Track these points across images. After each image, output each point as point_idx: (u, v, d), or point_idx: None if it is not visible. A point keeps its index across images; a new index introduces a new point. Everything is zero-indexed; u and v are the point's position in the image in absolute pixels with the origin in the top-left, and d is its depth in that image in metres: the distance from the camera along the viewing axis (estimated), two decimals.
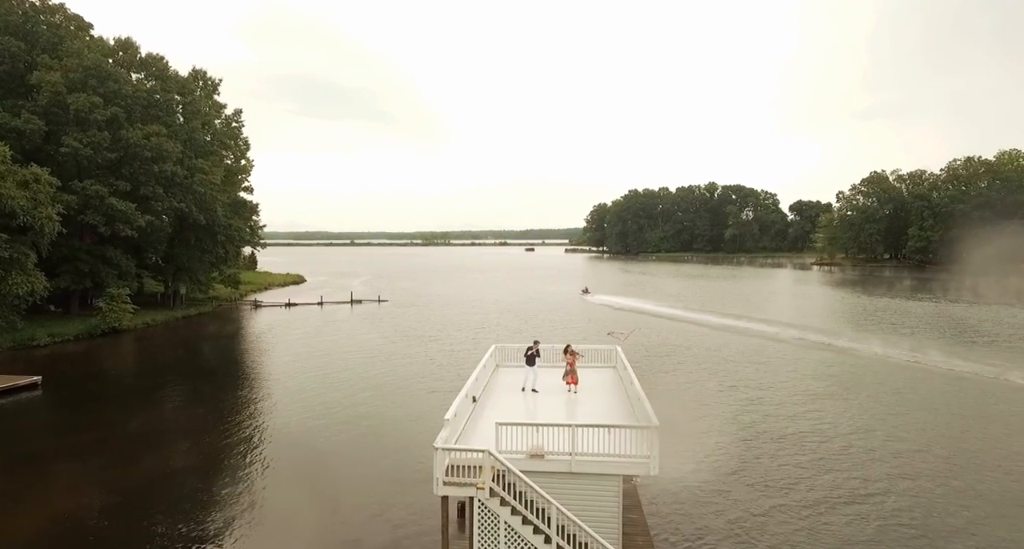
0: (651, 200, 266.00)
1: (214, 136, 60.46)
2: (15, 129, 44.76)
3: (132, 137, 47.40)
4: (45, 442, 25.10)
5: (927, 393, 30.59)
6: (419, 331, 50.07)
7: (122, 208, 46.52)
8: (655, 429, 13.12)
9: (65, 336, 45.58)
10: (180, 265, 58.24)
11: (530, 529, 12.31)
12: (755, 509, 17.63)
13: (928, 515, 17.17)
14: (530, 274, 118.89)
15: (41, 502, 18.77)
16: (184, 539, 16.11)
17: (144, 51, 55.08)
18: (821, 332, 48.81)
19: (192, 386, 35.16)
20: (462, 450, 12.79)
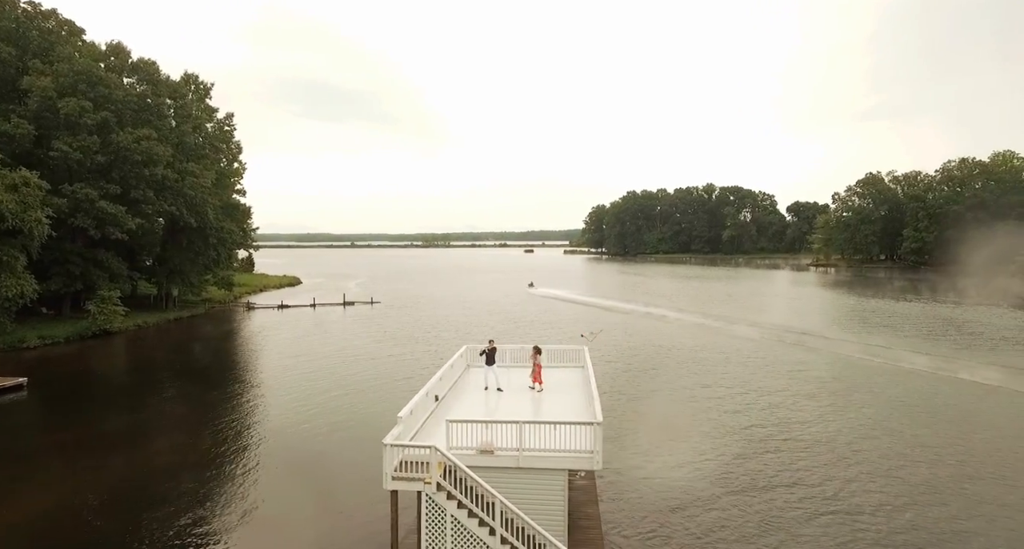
0: (649, 201, 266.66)
1: (206, 139, 61.01)
2: (5, 133, 45.30)
3: (122, 141, 47.93)
4: (28, 440, 25.60)
5: (898, 391, 30.96)
6: (407, 332, 50.49)
7: (112, 211, 47.05)
8: (598, 426, 13.52)
9: (55, 338, 46.03)
10: (172, 267, 58.76)
11: (476, 522, 12.72)
12: (714, 504, 18.00)
13: (877, 512, 17.56)
14: (524, 275, 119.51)
15: (23, 497, 19.23)
16: (161, 533, 16.56)
17: (137, 55, 55.80)
18: (793, 331, 49.24)
19: (178, 387, 35.62)
20: (409, 446, 13.19)
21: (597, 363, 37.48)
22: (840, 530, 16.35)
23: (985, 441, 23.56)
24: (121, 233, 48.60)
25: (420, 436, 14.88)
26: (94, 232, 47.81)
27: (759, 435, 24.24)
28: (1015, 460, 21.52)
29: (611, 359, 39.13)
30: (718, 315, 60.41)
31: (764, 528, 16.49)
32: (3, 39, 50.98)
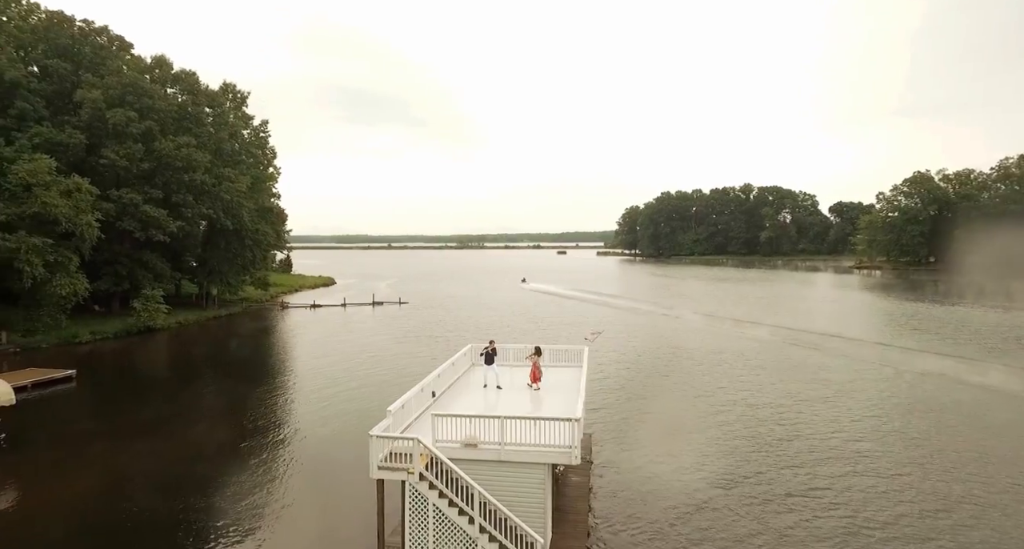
0: (684, 202, 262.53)
1: (242, 146, 63.95)
2: (61, 143, 48.74)
3: (164, 148, 50.90)
4: (73, 427, 27.78)
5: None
6: (429, 332, 51.64)
7: (155, 215, 50.00)
8: (575, 422, 13.96)
9: (105, 334, 49.21)
10: (212, 268, 61.82)
11: (456, 511, 13.35)
12: (709, 506, 18.09)
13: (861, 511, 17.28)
14: (548, 276, 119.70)
15: (67, 477, 21.07)
16: (191, 508, 18.05)
17: (193, 64, 59.14)
18: (815, 334, 47.91)
19: (212, 380, 37.71)
20: (394, 438, 13.93)
21: (610, 364, 37.80)
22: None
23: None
24: (163, 235, 51.58)
25: (411, 429, 15.59)
26: (139, 234, 50.92)
27: (765, 441, 24.01)
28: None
29: (625, 360, 39.20)
30: (741, 318, 59.28)
31: (755, 532, 16.50)
32: (60, 55, 54.93)
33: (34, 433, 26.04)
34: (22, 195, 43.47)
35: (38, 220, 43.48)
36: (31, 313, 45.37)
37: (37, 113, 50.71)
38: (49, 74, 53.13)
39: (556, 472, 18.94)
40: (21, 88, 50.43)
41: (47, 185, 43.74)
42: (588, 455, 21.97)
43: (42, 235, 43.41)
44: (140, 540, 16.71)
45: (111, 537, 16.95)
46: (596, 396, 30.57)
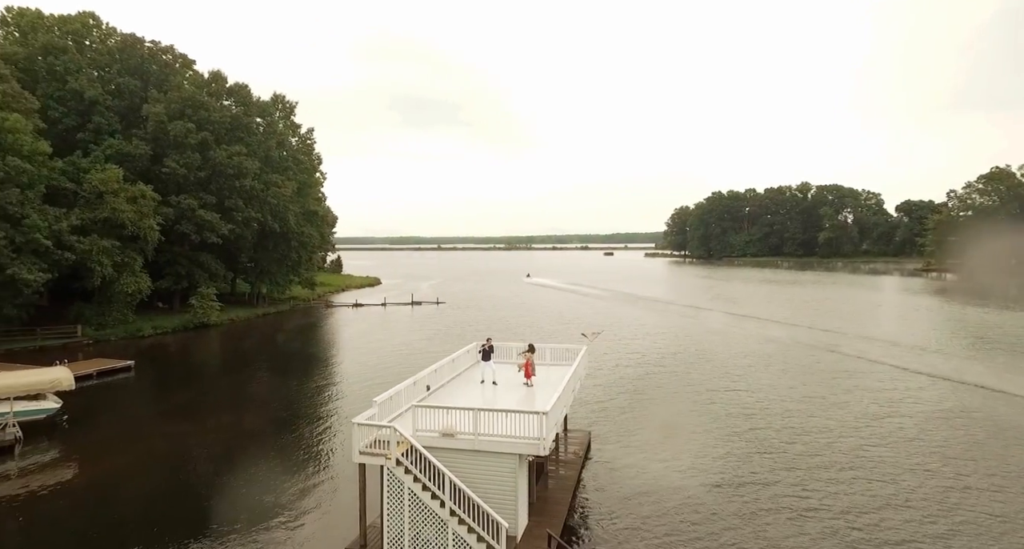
0: (736, 202, 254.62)
1: (289, 153, 67.84)
2: (129, 154, 53.54)
3: (218, 157, 54.92)
4: (128, 410, 30.92)
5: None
6: (459, 331, 53.12)
7: (209, 218, 54.03)
8: (544, 415, 14.70)
9: (164, 329, 53.62)
10: (262, 268, 65.91)
11: (428, 495, 14.39)
12: (695, 506, 18.33)
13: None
14: (588, 277, 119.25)
15: (119, 452, 23.72)
16: (230, 481, 20.44)
17: (233, 80, 63.43)
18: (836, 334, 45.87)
19: (253, 372, 40.56)
20: (373, 426, 15.12)
21: (629, 365, 37.97)
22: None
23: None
24: (216, 237, 55.60)
25: (400, 419, 16.77)
26: (195, 237, 55.13)
27: (767, 447, 23.77)
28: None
29: (644, 361, 39.17)
30: (780, 320, 57.46)
31: (736, 535, 16.66)
32: (131, 73, 60.22)
33: (92, 415, 29.16)
34: (95, 202, 48.14)
35: (108, 224, 48.02)
36: (102, 309, 50.10)
37: (111, 127, 55.90)
38: (121, 91, 58.36)
39: (544, 465, 19.74)
40: (98, 105, 55.74)
41: (116, 192, 48.26)
42: (585, 451, 22.60)
43: (111, 238, 47.95)
44: (171, 507, 18.75)
45: (148, 503, 19.10)
46: (605, 395, 30.99)
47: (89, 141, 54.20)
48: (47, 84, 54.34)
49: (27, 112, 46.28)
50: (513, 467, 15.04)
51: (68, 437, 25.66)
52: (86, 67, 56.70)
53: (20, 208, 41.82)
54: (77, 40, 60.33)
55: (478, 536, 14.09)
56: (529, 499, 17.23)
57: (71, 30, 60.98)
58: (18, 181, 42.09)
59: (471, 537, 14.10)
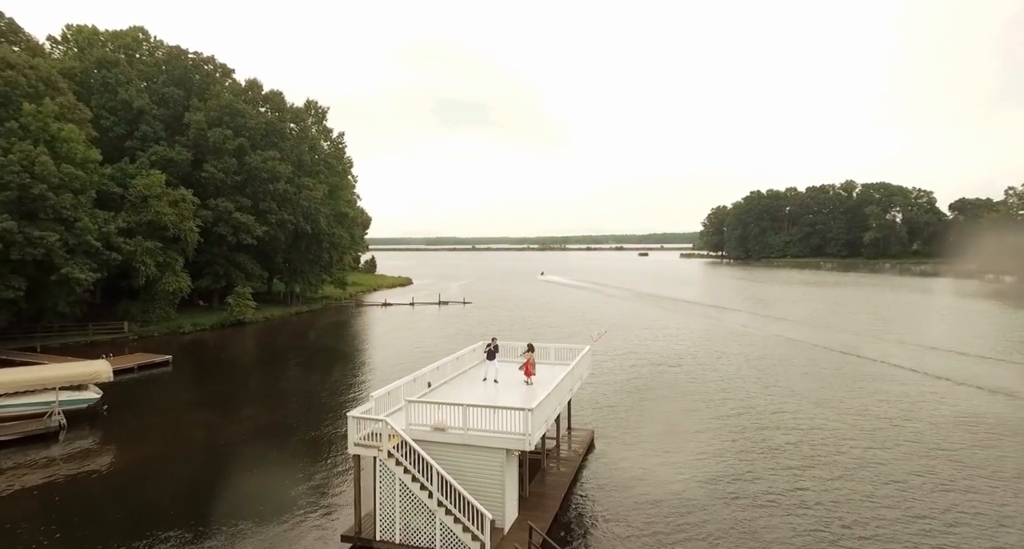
0: (776, 201, 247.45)
1: (320, 156, 70.22)
2: (172, 160, 56.62)
3: (253, 162, 57.46)
4: (164, 401, 32.95)
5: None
6: (483, 331, 53.81)
7: (244, 220, 56.58)
8: (528, 412, 15.18)
9: (203, 326, 56.45)
10: (295, 268, 68.44)
11: (418, 485, 15.08)
12: (692, 509, 18.43)
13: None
14: (617, 278, 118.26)
15: (150, 439, 25.43)
16: (251, 466, 21.72)
17: (278, 86, 66.34)
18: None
19: (282, 367, 42.36)
20: (366, 419, 15.91)
21: (644, 365, 37.91)
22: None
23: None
24: (251, 239, 58.14)
25: (399, 414, 17.54)
26: (231, 238, 57.81)
27: (773, 448, 23.52)
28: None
29: (660, 361, 38.98)
30: (810, 323, 55.90)
31: (724, 535, 16.71)
32: (175, 83, 63.61)
33: (131, 405, 31.22)
34: (140, 205, 51.17)
35: (152, 226, 50.97)
36: (147, 307, 53.22)
37: (156, 134, 59.22)
38: (166, 100, 61.73)
39: (541, 461, 20.20)
40: (145, 114, 59.16)
41: (159, 196, 51.18)
42: (587, 449, 22.90)
43: (154, 239, 50.88)
44: (194, 490, 20.11)
45: (175, 486, 20.55)
46: (616, 395, 31.12)
47: (136, 148, 57.59)
48: (100, 95, 58.03)
49: (81, 122, 49.62)
50: (500, 461, 15.58)
51: (107, 425, 27.62)
52: (135, 78, 60.27)
53: (73, 212, 44.93)
54: (128, 53, 64.21)
55: (464, 526, 14.70)
56: (521, 494, 17.74)
57: (123, 44, 64.91)
58: (72, 187, 45.19)
59: (457, 527, 14.72)
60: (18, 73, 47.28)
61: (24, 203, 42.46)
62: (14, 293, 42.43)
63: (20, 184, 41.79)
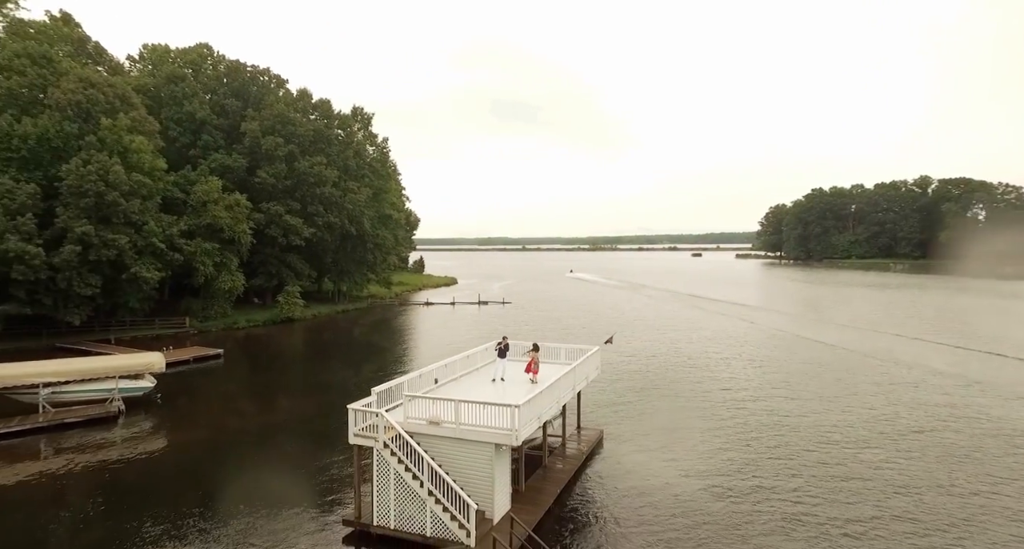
0: (840, 199, 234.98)
1: (365, 161, 73.19)
2: (229, 167, 60.73)
3: (302, 167, 60.72)
4: (209, 390, 35.77)
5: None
6: (516, 330, 54.65)
7: (293, 223, 59.91)
8: (516, 408, 15.79)
9: (256, 322, 60.23)
10: (341, 268, 71.68)
11: (410, 475, 16.02)
12: (693, 513, 18.49)
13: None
14: (662, 279, 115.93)
15: (196, 423, 27.89)
16: (280, 452, 23.36)
17: (331, 93, 69.83)
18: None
19: (323, 361, 44.81)
20: (364, 411, 17.00)
21: (671, 368, 37.51)
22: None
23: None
24: (300, 240, 61.45)
25: (401, 408, 18.56)
26: (282, 240, 61.32)
27: (787, 454, 22.99)
28: None
29: (687, 364, 38.42)
30: (866, 328, 53.18)
31: (717, 539, 16.73)
32: (235, 95, 68.09)
33: (183, 394, 34.04)
34: (200, 209, 55.26)
35: (209, 229, 54.94)
36: (206, 304, 57.38)
37: (216, 143, 63.67)
38: (226, 111, 66.21)
39: (541, 458, 20.76)
40: (207, 124, 63.75)
41: (216, 201, 55.09)
42: (593, 448, 23.21)
43: (212, 241, 54.81)
44: (230, 470, 22.02)
45: (214, 466, 22.55)
46: (637, 396, 31.11)
47: (198, 156, 62.13)
48: (169, 108, 63.01)
49: (150, 134, 54.14)
50: (490, 455, 16.29)
51: (160, 411, 30.32)
52: (199, 92, 65.05)
53: (141, 216, 49.19)
54: (194, 68, 69.31)
55: (451, 515, 15.52)
56: (517, 487, 18.40)
57: (189, 60, 70.10)
58: (140, 193, 49.48)
59: (445, 515, 15.56)
60: (98, 91, 52.11)
61: (100, 209, 46.88)
62: (92, 290, 46.96)
63: (97, 192, 46.18)
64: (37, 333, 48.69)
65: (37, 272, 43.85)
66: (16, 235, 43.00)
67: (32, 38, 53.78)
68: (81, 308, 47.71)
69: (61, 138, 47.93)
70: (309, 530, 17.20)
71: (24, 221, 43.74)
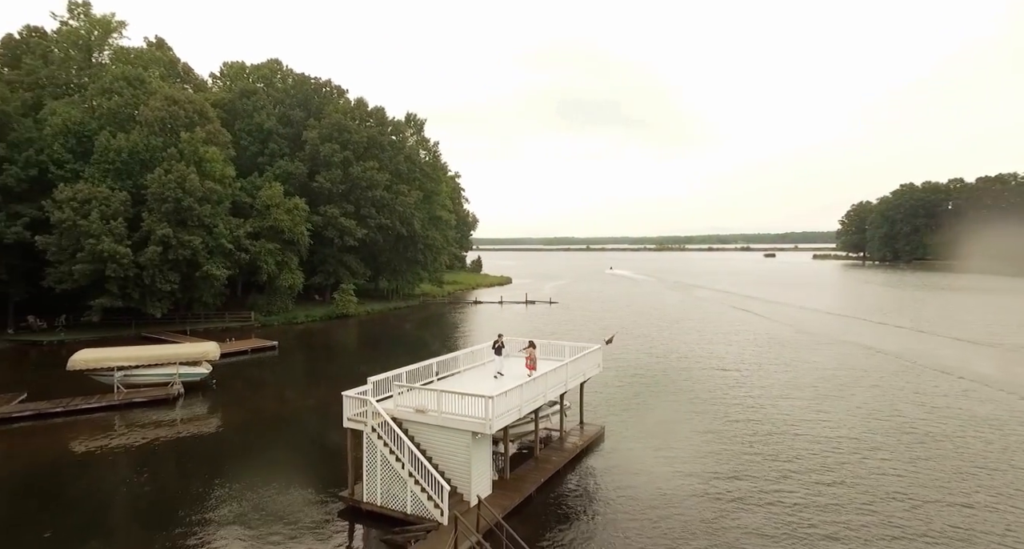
0: (934, 195, 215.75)
1: (416, 164, 76.38)
2: (292, 173, 65.56)
3: (356, 172, 64.48)
4: (260, 378, 39.23)
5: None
6: (553, 329, 55.40)
7: (347, 225, 63.75)
8: (490, 399, 16.81)
9: (314, 317, 64.62)
10: (395, 267, 75.26)
11: (394, 457, 17.43)
12: (679, 512, 18.73)
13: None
14: (721, 280, 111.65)
15: (248, 407, 31.02)
16: (311, 435, 25.83)
17: (373, 104, 73.74)
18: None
19: (369, 354, 47.67)
20: (354, 397, 18.57)
21: (697, 367, 37.09)
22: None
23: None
24: (353, 240, 65.26)
25: (396, 396, 20.00)
26: (337, 240, 65.38)
27: (799, 468, 22.41)
28: None
29: (715, 366, 37.59)
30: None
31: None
32: (299, 106, 73.32)
33: (236, 380, 37.66)
34: (264, 213, 60.15)
35: (272, 231, 59.68)
36: (269, 299, 62.33)
37: (281, 151, 68.91)
38: (291, 121, 71.47)
39: (533, 449, 21.59)
40: (274, 134, 69.18)
41: (278, 205, 59.76)
42: (590, 443, 23.69)
43: (274, 242, 59.52)
44: (265, 448, 24.56)
45: (255, 443, 25.23)
46: (653, 396, 31.07)
47: (266, 163, 67.53)
48: (241, 120, 68.94)
49: (222, 145, 59.65)
50: (467, 442, 17.41)
51: (214, 395, 33.77)
52: (268, 104, 70.66)
53: (212, 219, 54.36)
54: (266, 82, 75.33)
55: (428, 495, 16.78)
56: (502, 475, 19.41)
57: (261, 75, 76.27)
58: (211, 199, 54.71)
59: (423, 495, 16.84)
60: (180, 107, 58.08)
61: (178, 213, 52.31)
62: (171, 286, 52.49)
63: (175, 198, 51.61)
64: (127, 323, 55.03)
65: (126, 270, 49.67)
66: (110, 237, 48.95)
67: (131, 63, 60.73)
68: (162, 302, 53.41)
69: (148, 151, 53.88)
70: (313, 503, 19.06)
71: (116, 225, 49.69)
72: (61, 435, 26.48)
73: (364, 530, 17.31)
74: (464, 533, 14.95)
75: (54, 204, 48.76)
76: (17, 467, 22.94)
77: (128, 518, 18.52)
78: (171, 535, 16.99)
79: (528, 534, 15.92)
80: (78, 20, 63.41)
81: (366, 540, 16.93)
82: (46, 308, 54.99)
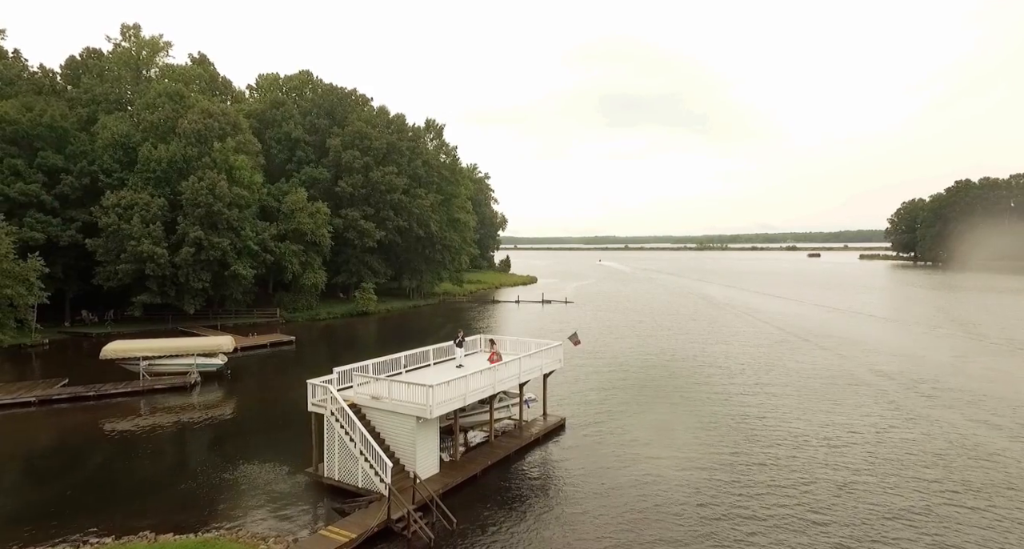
0: (993, 191, 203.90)
1: (433, 169, 79.16)
2: (316, 179, 69.46)
3: (375, 177, 67.73)
4: (274, 369, 42.45)
5: None
6: (560, 328, 56.66)
7: (367, 227, 67.06)
8: (430, 388, 18.75)
9: (335, 314, 68.27)
10: (414, 267, 78.31)
11: (348, 438, 19.61)
12: (635, 510, 20.13)
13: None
14: (749, 281, 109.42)
15: (258, 397, 34.09)
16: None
17: (393, 112, 77.04)
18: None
19: (386, 349, 50.36)
20: (317, 385, 20.84)
21: (699, 365, 37.87)
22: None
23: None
24: (372, 242, 68.54)
25: (355, 385, 21.98)
26: (357, 242, 68.81)
27: (775, 478, 23.32)
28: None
29: (716, 365, 38.21)
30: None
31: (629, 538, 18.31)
32: (325, 115, 77.32)
33: (249, 371, 40.99)
34: (289, 216, 64.14)
35: (296, 233, 63.56)
36: (294, 297, 66.33)
37: (307, 158, 72.99)
38: (317, 129, 75.52)
39: (490, 437, 23.40)
40: (301, 142, 73.35)
41: (301, 209, 63.61)
42: (545, 434, 25.23)
43: (298, 243, 63.38)
44: (268, 431, 27.36)
45: (260, 427, 28.10)
46: (623, 392, 32.28)
47: (293, 170, 71.71)
48: (271, 129, 73.44)
49: (252, 154, 63.97)
50: (412, 425, 19.42)
51: (228, 385, 37.08)
52: (296, 114, 74.94)
53: (240, 223, 58.55)
54: (297, 93, 79.79)
55: (375, 471, 18.87)
56: (452, 458, 21.34)
57: (293, 86, 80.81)
58: (240, 203, 58.91)
59: (371, 471, 18.94)
60: (214, 120, 62.73)
61: (209, 217, 56.66)
62: (203, 284, 56.93)
63: (206, 203, 55.97)
64: (165, 318, 59.95)
65: (163, 269, 54.33)
66: (148, 239, 53.67)
67: (175, 79, 65.89)
68: (196, 299, 57.95)
69: (185, 160, 58.55)
70: (284, 477, 21.50)
71: (155, 228, 54.42)
72: (92, 416, 30.09)
73: (323, 501, 19.56)
74: (397, 504, 16.94)
75: (101, 210, 53.84)
76: (53, 441, 26.50)
77: (130, 483, 21.42)
78: (165, 495, 19.72)
79: (465, 508, 17.77)
80: (129, 42, 69.32)
81: (323, 509, 19.18)
82: (97, 304, 60.59)
